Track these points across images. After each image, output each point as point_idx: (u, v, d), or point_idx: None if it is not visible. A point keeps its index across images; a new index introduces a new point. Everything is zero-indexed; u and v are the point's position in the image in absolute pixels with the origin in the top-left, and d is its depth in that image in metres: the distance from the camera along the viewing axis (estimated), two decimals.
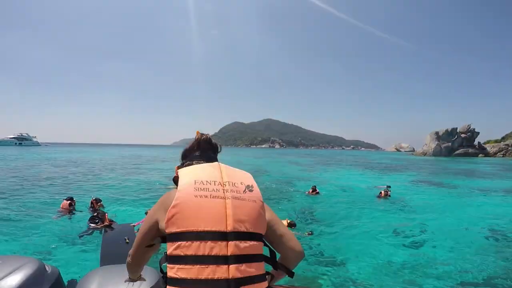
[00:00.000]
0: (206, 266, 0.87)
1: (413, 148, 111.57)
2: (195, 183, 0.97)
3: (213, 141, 1.24)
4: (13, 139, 73.53)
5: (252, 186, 1.07)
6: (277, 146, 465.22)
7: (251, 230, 0.97)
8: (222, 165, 1.11)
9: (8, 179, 15.80)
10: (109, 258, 3.55)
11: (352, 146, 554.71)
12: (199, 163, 1.13)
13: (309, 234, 6.74)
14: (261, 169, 27.53)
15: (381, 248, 6.17)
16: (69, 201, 9.07)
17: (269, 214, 1.09)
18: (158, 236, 1.03)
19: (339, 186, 16.12)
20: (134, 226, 5.59)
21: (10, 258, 1.56)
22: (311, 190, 12.97)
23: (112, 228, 5.85)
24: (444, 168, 30.93)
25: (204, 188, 0.96)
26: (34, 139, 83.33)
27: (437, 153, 58.60)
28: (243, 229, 0.95)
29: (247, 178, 1.10)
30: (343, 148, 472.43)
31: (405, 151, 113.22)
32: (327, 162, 42.62)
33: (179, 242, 0.90)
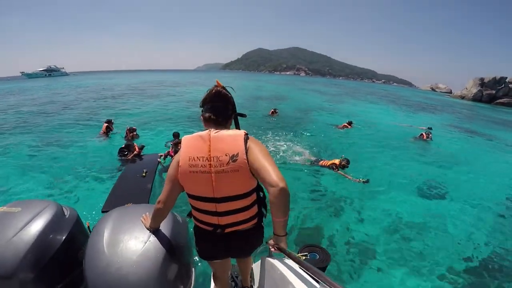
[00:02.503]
0: (204, 214, 1.37)
1: (451, 90, 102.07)
2: (189, 159, 1.26)
3: (222, 92, 1.37)
4: (42, 71, 75.61)
5: (236, 155, 1.22)
6: (302, 74, 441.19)
7: (233, 194, 1.29)
8: (213, 134, 1.27)
9: (33, 108, 15.21)
10: (114, 200, 3.57)
11: (383, 80, 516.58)
12: (209, 116, 1.36)
13: (364, 181, 6.00)
14: (282, 96, 26.29)
15: (400, 204, 5.53)
16: (106, 124, 9.06)
17: (251, 156, 1.24)
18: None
19: (367, 122, 14.86)
20: (161, 156, 5.93)
21: (28, 203, 1.53)
22: (346, 124, 12.06)
23: (141, 158, 6.01)
24: (483, 115, 27.92)
25: (195, 164, 1.25)
26: (63, 70, 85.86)
27: (477, 98, 53.57)
28: (226, 194, 1.29)
29: (234, 146, 1.24)
30: (373, 81, 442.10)
31: (441, 91, 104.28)
32: (355, 94, 40.10)
33: (189, 198, 1.38)
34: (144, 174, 4.50)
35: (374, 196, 5.67)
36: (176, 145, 6.14)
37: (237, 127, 1.47)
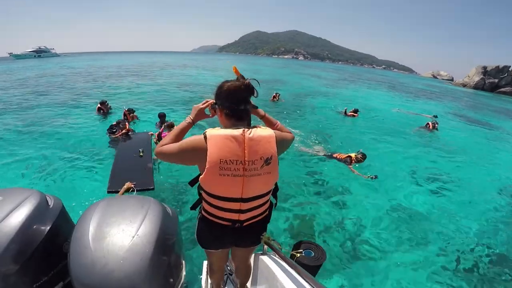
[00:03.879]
0: (225, 212, 1.32)
1: (452, 78, 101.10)
2: (220, 162, 1.17)
3: (250, 85, 1.26)
4: (31, 52, 74.08)
5: (270, 158, 1.23)
6: (301, 57, 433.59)
7: (261, 193, 1.30)
8: (248, 136, 1.20)
9: (19, 88, 14.49)
10: (118, 179, 3.59)
11: (384, 66, 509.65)
12: (232, 112, 1.27)
13: (372, 178, 5.66)
14: (281, 81, 25.48)
15: (403, 196, 5.31)
16: (99, 105, 8.81)
17: (278, 145, 1.28)
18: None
19: (371, 110, 14.18)
20: (151, 134, 5.79)
21: (9, 192, 1.42)
22: (352, 112, 11.60)
23: (129, 137, 5.79)
24: (485, 104, 27.07)
25: (227, 168, 1.18)
26: (53, 51, 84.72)
27: (478, 86, 53.49)
28: (254, 194, 1.29)
29: (269, 149, 1.23)
30: (373, 67, 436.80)
31: (442, 79, 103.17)
32: (356, 80, 39.00)
33: (208, 197, 1.30)
34: (141, 154, 4.45)
35: (377, 189, 5.47)
36: (170, 127, 6.00)
37: (249, 119, 1.36)
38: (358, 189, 5.40)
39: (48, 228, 1.38)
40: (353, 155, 6.19)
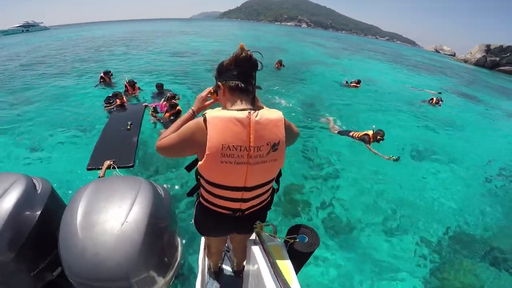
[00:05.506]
0: (226, 201, 1.24)
1: (454, 53, 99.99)
2: (222, 148, 1.04)
3: (253, 57, 1.14)
4: (19, 27, 69.72)
5: (277, 144, 1.11)
6: (304, 25, 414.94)
7: (265, 181, 1.21)
8: (254, 119, 1.06)
9: (11, 64, 13.68)
10: (100, 156, 3.21)
11: (387, 38, 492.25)
12: (236, 85, 1.13)
13: (395, 159, 5.28)
14: (284, 48, 24.69)
15: (406, 174, 5.24)
16: (101, 75, 8.59)
17: (287, 134, 1.16)
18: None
19: (374, 82, 13.96)
20: (146, 106, 5.65)
21: None
22: (355, 83, 11.44)
23: (124, 109, 5.63)
24: (485, 82, 26.91)
25: (229, 154, 1.06)
26: (42, 24, 79.82)
27: (479, 63, 53.84)
28: (257, 183, 1.19)
29: (276, 134, 1.11)
30: (377, 38, 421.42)
31: (444, 53, 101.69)
32: (359, 51, 38.12)
33: (207, 184, 1.20)
34: (129, 127, 4.18)
35: (385, 167, 5.23)
36: (173, 98, 6.06)
37: (254, 99, 1.25)
38: (363, 167, 5.18)
39: (38, 213, 1.33)
40: (370, 132, 5.55)
